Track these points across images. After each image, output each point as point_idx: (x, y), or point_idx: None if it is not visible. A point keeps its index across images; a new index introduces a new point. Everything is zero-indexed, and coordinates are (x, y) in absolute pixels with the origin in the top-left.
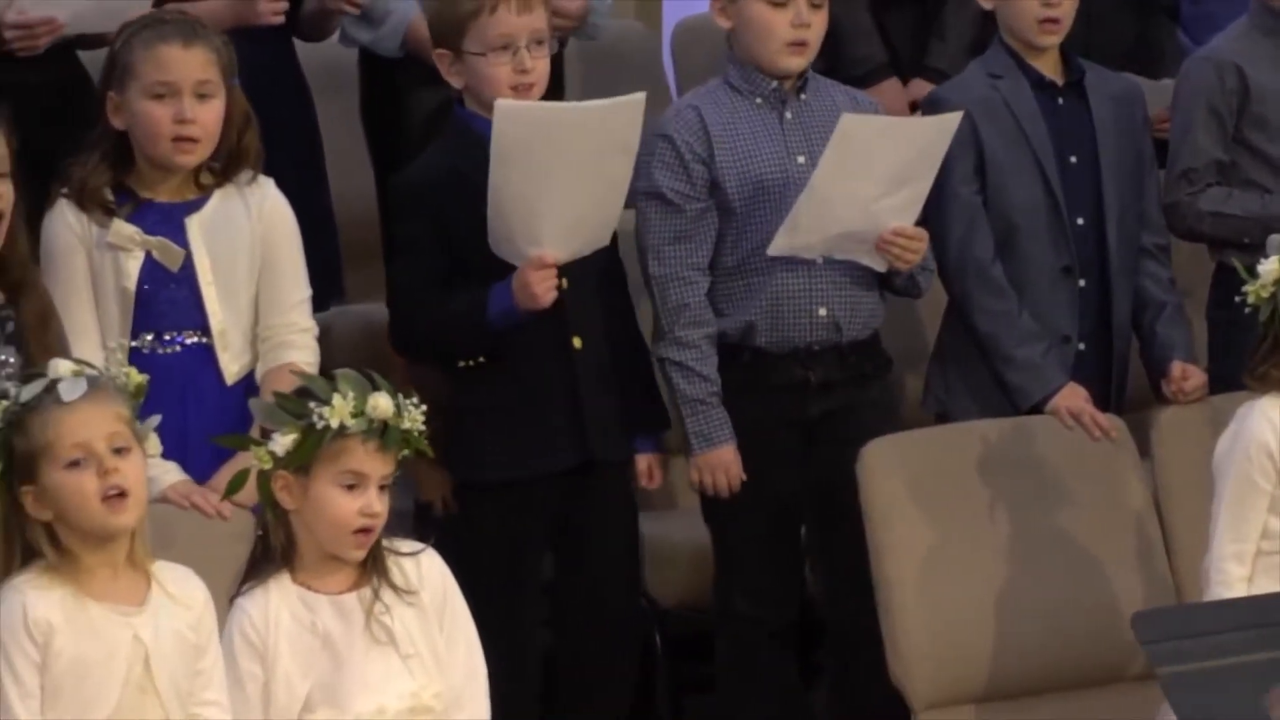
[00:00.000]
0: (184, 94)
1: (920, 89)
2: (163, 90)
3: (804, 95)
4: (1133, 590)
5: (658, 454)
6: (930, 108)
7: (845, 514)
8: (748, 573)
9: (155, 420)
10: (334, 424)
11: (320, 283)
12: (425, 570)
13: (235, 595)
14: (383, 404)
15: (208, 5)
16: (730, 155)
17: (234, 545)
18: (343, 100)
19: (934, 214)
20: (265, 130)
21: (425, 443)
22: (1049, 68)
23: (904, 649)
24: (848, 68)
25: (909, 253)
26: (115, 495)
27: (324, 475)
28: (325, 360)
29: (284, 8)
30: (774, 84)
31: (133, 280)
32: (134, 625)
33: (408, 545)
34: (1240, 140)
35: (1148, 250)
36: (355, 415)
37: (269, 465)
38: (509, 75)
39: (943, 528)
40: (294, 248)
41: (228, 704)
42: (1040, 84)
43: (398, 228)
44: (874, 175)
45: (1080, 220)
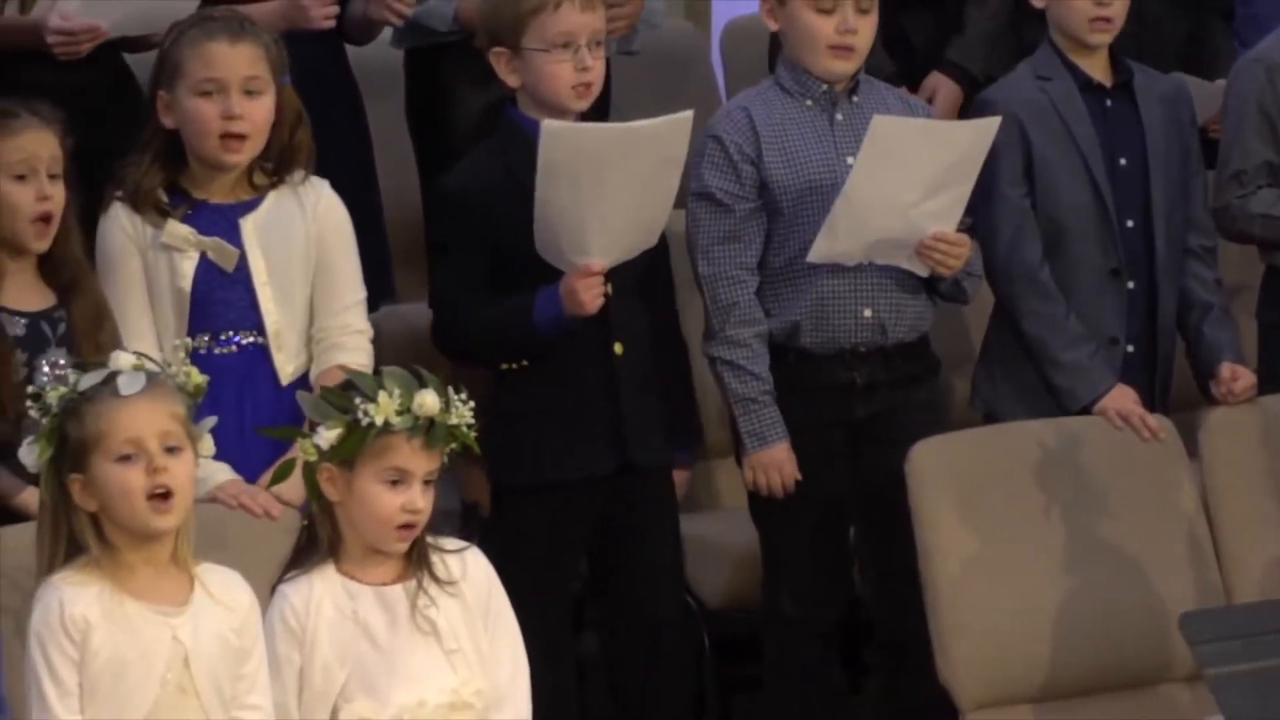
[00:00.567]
0: (231, 90)
1: (940, 84)
2: (210, 87)
3: (855, 97)
4: (1181, 591)
5: (687, 466)
6: (979, 109)
7: (893, 515)
8: (795, 573)
9: (211, 421)
10: (378, 421)
11: (370, 283)
12: (470, 568)
13: (278, 582)
14: (429, 401)
15: (259, 7)
16: (779, 156)
17: (283, 545)
18: (392, 101)
19: (982, 217)
20: (315, 132)
21: (473, 438)
22: (1097, 69)
23: (952, 650)
24: None
25: (950, 258)
26: (160, 495)
27: (368, 471)
28: (376, 360)
29: (334, 12)
30: (824, 86)
31: (188, 281)
32: (173, 625)
33: (452, 543)
34: None
35: (1194, 252)
36: (400, 413)
37: (314, 458)
38: (570, 73)
39: (991, 529)
40: (349, 249)
41: (271, 708)
42: (1088, 86)
43: (443, 229)
44: (911, 179)
45: (1130, 222)
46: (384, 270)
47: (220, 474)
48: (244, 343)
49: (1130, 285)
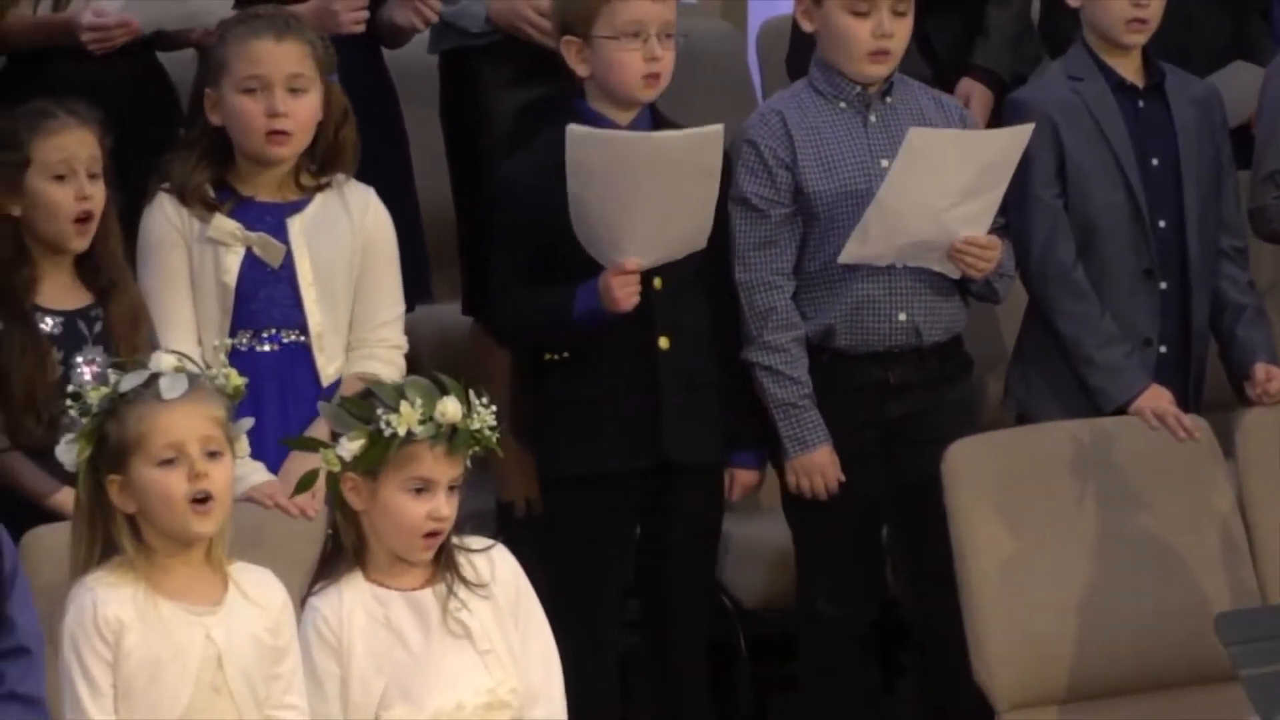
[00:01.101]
0: (276, 87)
1: (968, 88)
2: (255, 85)
3: (889, 99)
4: (1216, 591)
5: (752, 470)
6: (1011, 110)
7: (929, 515)
8: (830, 573)
9: (248, 423)
10: (401, 431)
11: (407, 285)
12: (497, 566)
13: (307, 595)
14: (450, 409)
15: (293, 10)
16: (814, 160)
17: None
18: (428, 104)
19: (1015, 217)
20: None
21: (495, 441)
22: (1130, 70)
23: (987, 649)
24: None
25: (981, 261)
26: (201, 499)
27: (392, 480)
28: (409, 359)
29: (363, 17)
30: (858, 88)
31: (233, 276)
32: (206, 625)
33: (478, 542)
34: None
35: (1226, 253)
36: (423, 421)
37: (337, 468)
38: (639, 62)
39: (1026, 529)
40: (392, 264)
41: (306, 708)
42: (1121, 86)
43: (499, 218)
44: (944, 187)
45: (1162, 223)
46: (421, 272)
47: (255, 474)
48: (286, 341)
49: (1163, 286)
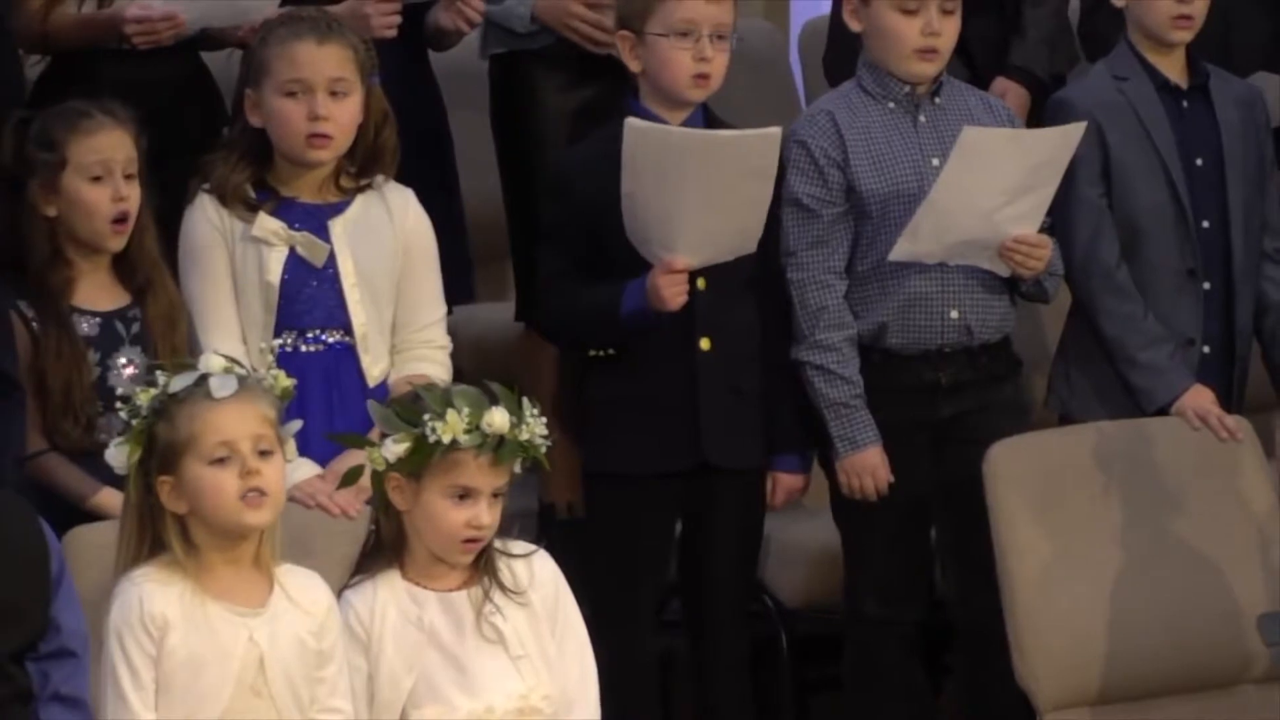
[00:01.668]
0: (317, 90)
1: (1004, 88)
2: (296, 88)
3: (938, 99)
4: (1258, 592)
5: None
6: (1055, 110)
7: (976, 515)
8: (878, 573)
9: (296, 425)
10: (445, 439)
11: (450, 286)
12: (537, 572)
13: (343, 588)
14: (498, 420)
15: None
16: (865, 159)
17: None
18: (475, 106)
19: (1060, 217)
20: (398, 135)
21: (544, 452)
22: (1174, 71)
23: (1030, 650)
24: None
25: (1032, 260)
26: (253, 495)
27: (434, 485)
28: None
29: (396, 22)
30: (906, 88)
31: (276, 275)
32: (250, 626)
33: (520, 547)
34: None
35: (1270, 255)
36: (468, 431)
37: (382, 467)
38: (689, 62)
39: (1068, 529)
40: (433, 266)
41: (351, 711)
42: (1165, 86)
43: (549, 212)
44: (996, 186)
45: (1206, 223)
46: (465, 273)
47: (301, 469)
48: (330, 341)
49: (1206, 286)
